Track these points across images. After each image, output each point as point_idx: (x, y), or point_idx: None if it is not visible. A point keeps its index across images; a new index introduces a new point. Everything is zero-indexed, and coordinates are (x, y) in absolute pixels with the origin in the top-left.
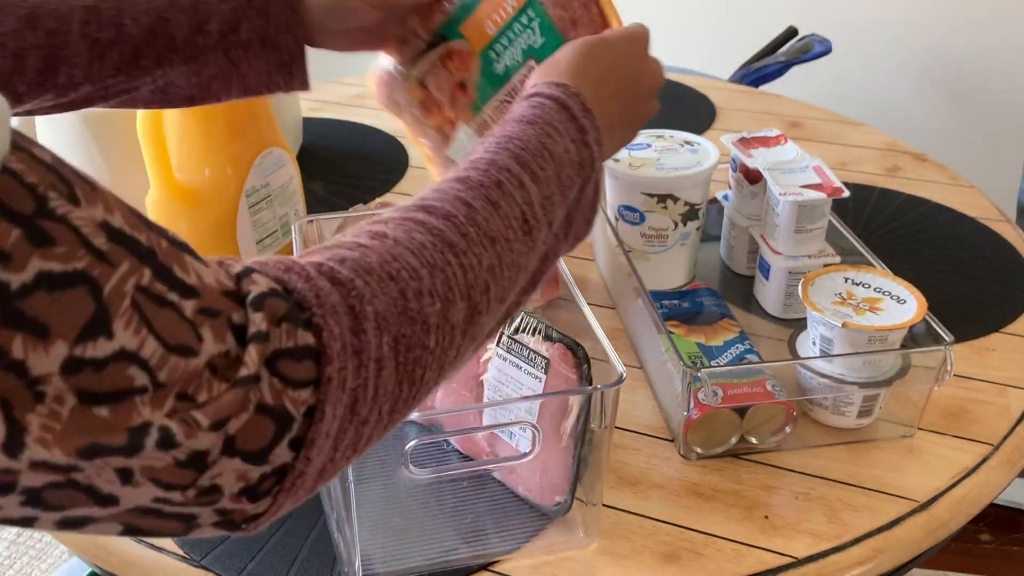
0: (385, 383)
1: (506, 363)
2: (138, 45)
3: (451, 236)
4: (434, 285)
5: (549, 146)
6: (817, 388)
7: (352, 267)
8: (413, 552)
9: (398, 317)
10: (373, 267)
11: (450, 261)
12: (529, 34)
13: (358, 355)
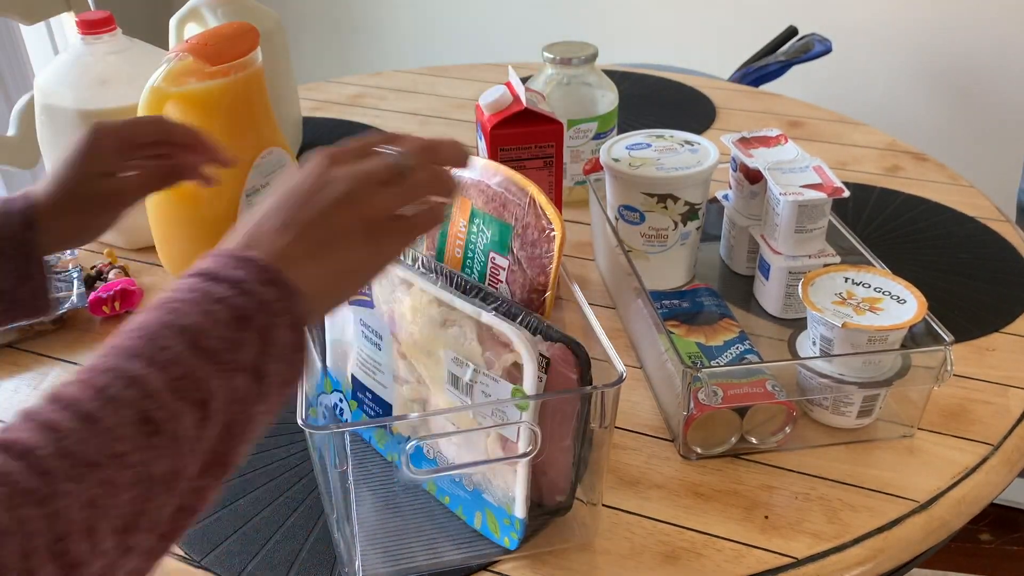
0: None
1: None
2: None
3: (26, 482)
4: (1, 559)
5: (176, 321)
6: (817, 388)
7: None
8: (413, 552)
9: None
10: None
11: (24, 517)
12: (482, 235)
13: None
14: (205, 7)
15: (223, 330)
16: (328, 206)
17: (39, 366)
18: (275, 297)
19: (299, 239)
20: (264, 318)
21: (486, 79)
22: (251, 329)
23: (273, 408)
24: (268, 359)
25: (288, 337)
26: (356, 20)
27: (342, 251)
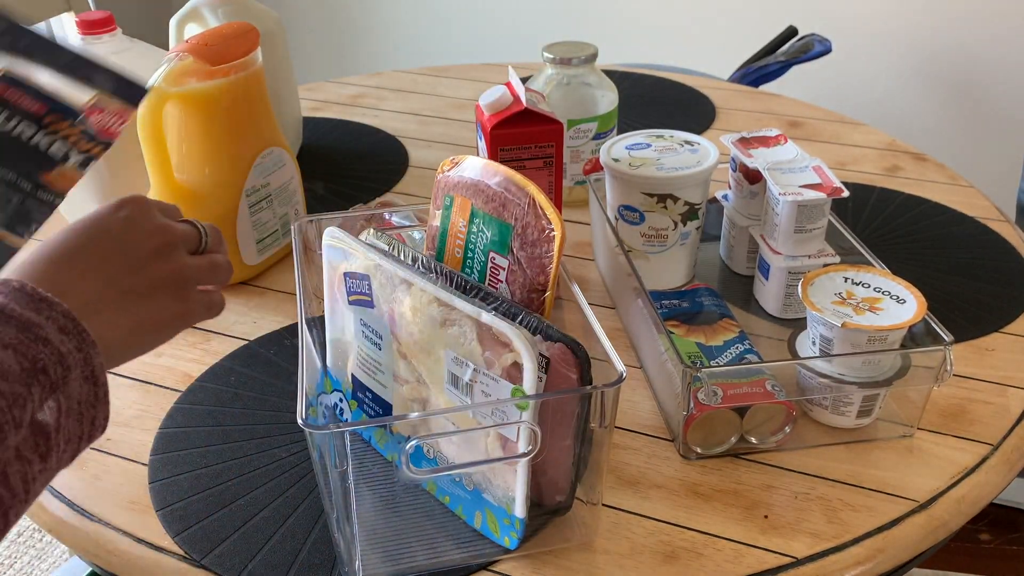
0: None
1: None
2: None
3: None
4: None
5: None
6: (817, 388)
7: None
8: (413, 552)
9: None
10: None
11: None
12: (482, 235)
13: None
14: (205, 7)
15: (8, 384)
16: (143, 256)
17: None
18: (72, 348)
19: (108, 285)
20: (58, 372)
21: (486, 79)
22: (42, 384)
23: (63, 463)
24: (59, 415)
25: (82, 391)
26: (356, 20)
27: (151, 304)
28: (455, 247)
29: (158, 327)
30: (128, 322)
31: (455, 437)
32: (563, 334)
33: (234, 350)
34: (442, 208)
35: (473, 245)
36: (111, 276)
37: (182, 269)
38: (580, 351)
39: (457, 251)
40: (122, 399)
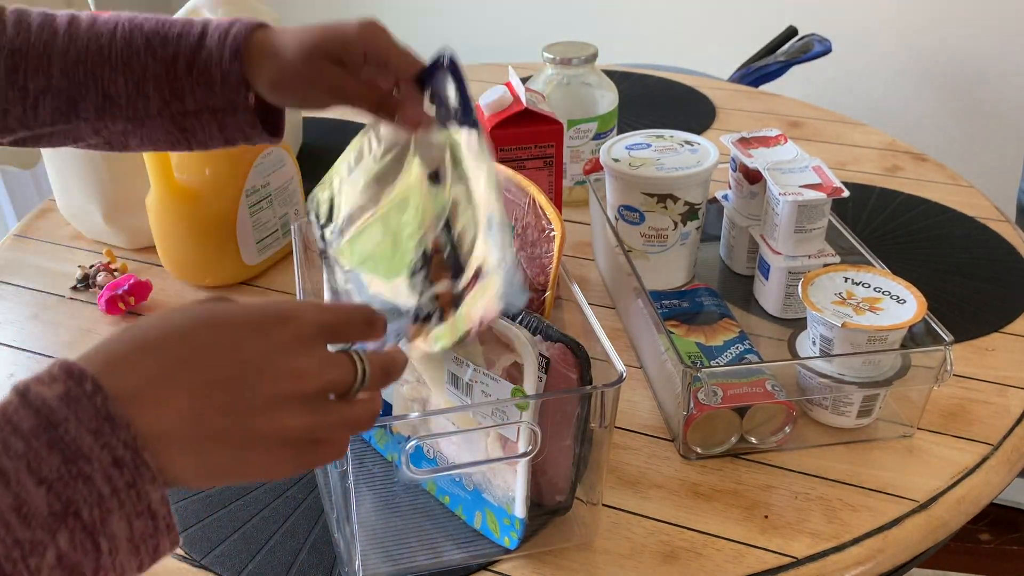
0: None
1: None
2: (73, 97)
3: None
4: None
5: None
6: (817, 388)
7: None
8: (413, 552)
9: None
10: None
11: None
12: None
13: None
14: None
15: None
16: (255, 403)
17: (39, 366)
18: (121, 486)
19: (196, 420)
20: (95, 513)
21: (486, 79)
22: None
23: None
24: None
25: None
26: None
27: (236, 458)
28: None
29: (228, 478)
30: (198, 467)
31: (455, 437)
32: (563, 334)
33: None
34: None
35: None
36: (204, 411)
37: (292, 430)
38: (580, 351)
39: None
40: None
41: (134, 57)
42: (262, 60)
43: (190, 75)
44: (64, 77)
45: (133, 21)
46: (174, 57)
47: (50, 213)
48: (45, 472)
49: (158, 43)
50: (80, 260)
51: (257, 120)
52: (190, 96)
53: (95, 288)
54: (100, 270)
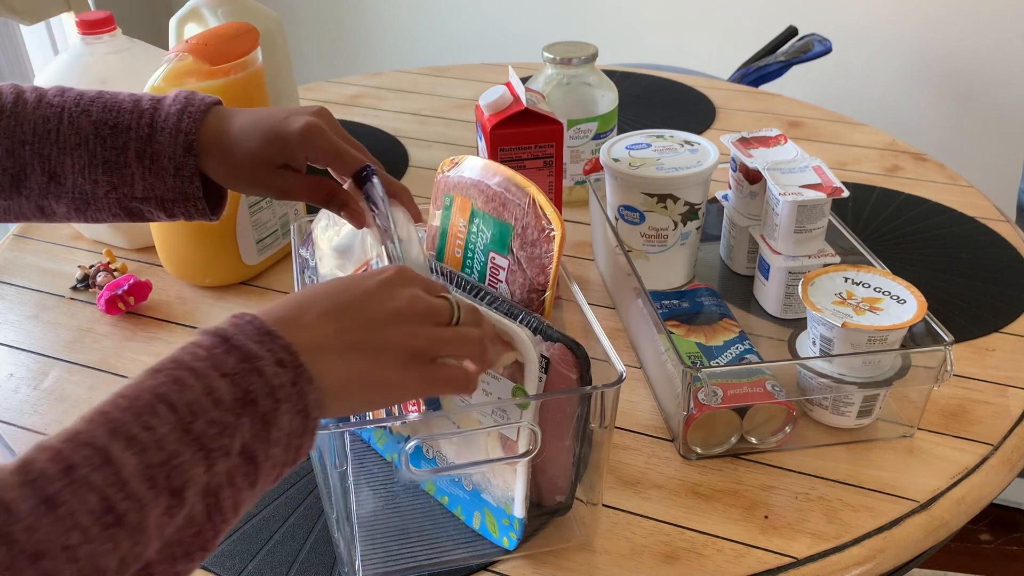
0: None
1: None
2: (17, 176)
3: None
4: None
5: (171, 396)
6: (817, 388)
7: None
8: (413, 552)
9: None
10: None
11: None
12: (482, 235)
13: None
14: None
15: (220, 412)
16: (380, 316)
17: (39, 366)
18: (286, 381)
19: (338, 333)
20: (268, 403)
21: (486, 79)
22: (251, 414)
23: (262, 489)
24: (267, 445)
25: (293, 424)
26: (356, 20)
27: (375, 363)
28: (455, 247)
29: (378, 386)
30: (348, 373)
31: (455, 437)
32: (563, 334)
33: None
34: (442, 208)
35: (473, 245)
36: (342, 326)
37: (415, 337)
38: (580, 351)
39: (457, 251)
40: None
41: (83, 144)
42: (213, 154)
43: (140, 164)
44: (9, 157)
45: (79, 104)
46: (124, 146)
47: None
48: (226, 368)
49: (107, 132)
50: (80, 260)
51: (206, 206)
52: (139, 183)
53: (95, 288)
54: (100, 270)
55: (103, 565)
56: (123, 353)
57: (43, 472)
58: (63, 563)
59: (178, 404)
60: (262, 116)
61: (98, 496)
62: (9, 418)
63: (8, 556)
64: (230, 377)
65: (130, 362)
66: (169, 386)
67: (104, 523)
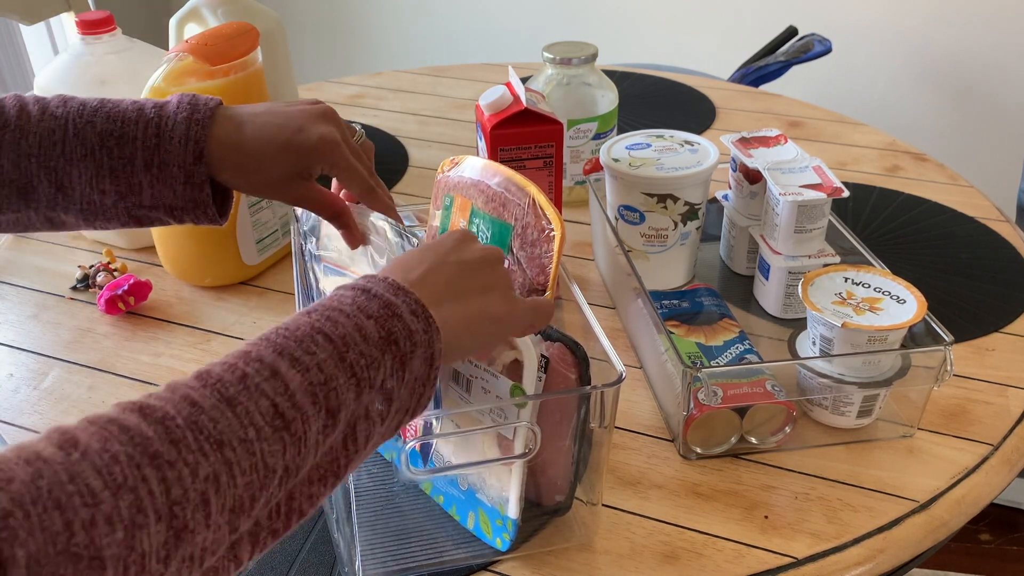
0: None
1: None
2: (24, 188)
3: (157, 445)
4: (117, 509)
5: (327, 329)
6: (817, 388)
7: (13, 496)
8: (413, 552)
9: (56, 557)
10: (41, 493)
11: (147, 476)
12: (482, 235)
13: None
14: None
15: (368, 347)
16: (475, 263)
17: (39, 366)
18: (420, 328)
19: (448, 283)
20: (407, 345)
21: (486, 79)
22: (393, 353)
23: (390, 431)
24: (400, 384)
25: (421, 369)
26: (356, 20)
27: (485, 301)
28: None
29: (489, 321)
30: (465, 313)
31: (451, 436)
32: (562, 334)
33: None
34: (442, 208)
35: None
36: (449, 277)
37: (506, 276)
38: (579, 351)
39: None
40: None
41: (89, 155)
42: (226, 164)
43: (148, 173)
44: (15, 169)
45: (83, 115)
46: (131, 157)
47: None
48: (371, 311)
49: (113, 143)
50: (80, 260)
51: (216, 212)
52: (148, 192)
53: (95, 288)
54: (100, 270)
55: (273, 464)
56: (123, 353)
57: (220, 378)
58: (242, 454)
59: (333, 336)
60: (273, 126)
61: (269, 402)
62: (9, 418)
63: (196, 440)
64: (375, 319)
65: (130, 362)
66: (323, 322)
67: (275, 426)
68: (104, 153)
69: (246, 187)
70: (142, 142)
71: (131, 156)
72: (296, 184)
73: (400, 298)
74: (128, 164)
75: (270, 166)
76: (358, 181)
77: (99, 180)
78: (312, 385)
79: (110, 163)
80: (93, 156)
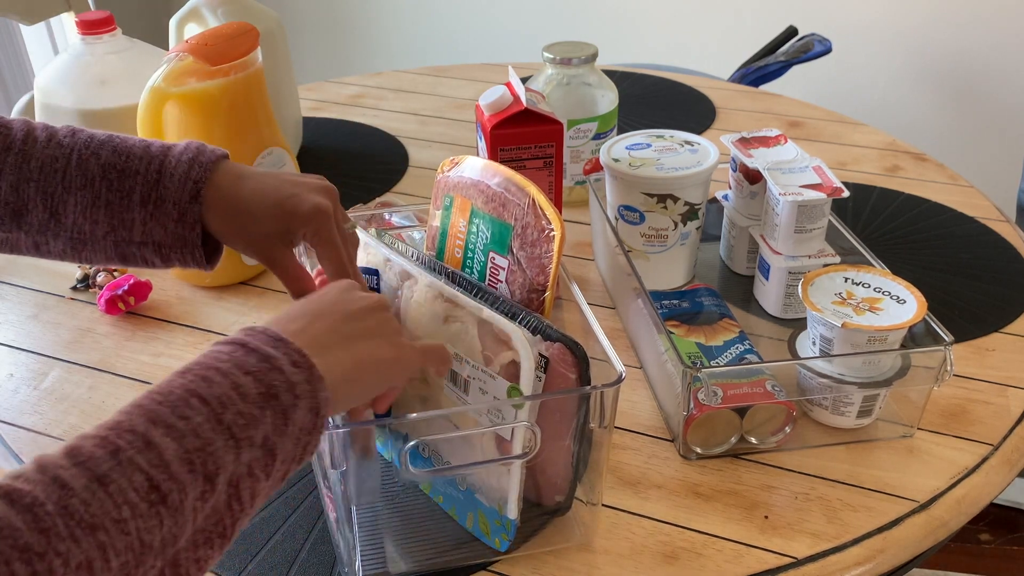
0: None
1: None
2: (19, 211)
3: (26, 537)
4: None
5: (201, 390)
6: (817, 388)
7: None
8: (413, 552)
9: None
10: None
11: (16, 572)
12: (482, 235)
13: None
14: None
15: (247, 405)
16: (359, 310)
17: (39, 366)
18: (302, 379)
19: (332, 331)
20: (289, 398)
21: (486, 79)
22: (274, 408)
23: (277, 483)
24: (283, 437)
25: (306, 420)
26: (356, 20)
27: (368, 344)
28: (455, 247)
29: (377, 366)
30: (351, 360)
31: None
32: (562, 334)
33: None
34: (442, 208)
35: (473, 245)
36: (333, 325)
37: (393, 321)
38: (579, 351)
39: (457, 251)
40: (123, 399)
41: (88, 185)
42: (218, 211)
43: (144, 208)
44: (13, 192)
45: (89, 146)
46: (130, 190)
47: None
48: (248, 367)
49: (115, 175)
50: None
51: (203, 255)
52: (139, 228)
53: (95, 288)
54: (100, 270)
55: (149, 540)
56: (123, 353)
57: (92, 455)
58: (116, 535)
59: (208, 397)
60: (271, 185)
61: (144, 475)
62: (9, 418)
63: (67, 527)
64: (253, 374)
65: (130, 362)
66: (198, 383)
67: (150, 501)
68: (104, 184)
69: (231, 237)
70: (143, 176)
71: (130, 190)
72: (277, 247)
73: (280, 350)
74: (126, 198)
75: (258, 221)
76: (335, 260)
77: (94, 210)
78: (188, 452)
79: (107, 195)
80: (92, 186)
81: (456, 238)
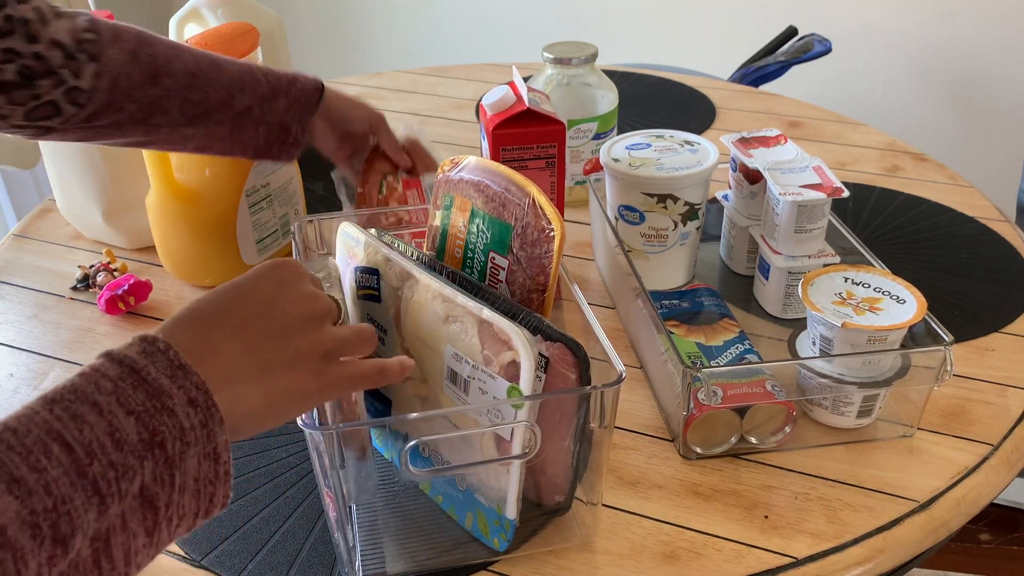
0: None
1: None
2: (208, 110)
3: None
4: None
5: (68, 434)
6: (817, 388)
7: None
8: (413, 552)
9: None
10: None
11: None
12: (482, 235)
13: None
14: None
15: (122, 455)
16: (287, 325)
17: (39, 366)
18: (197, 423)
19: (248, 355)
20: (176, 447)
21: (486, 79)
22: (156, 457)
23: (164, 540)
24: (168, 489)
25: (203, 468)
26: (356, 20)
27: (290, 377)
28: (455, 247)
29: (292, 401)
30: (262, 395)
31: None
32: (562, 334)
33: None
34: (442, 208)
35: (473, 245)
36: (252, 345)
37: (324, 342)
38: (579, 351)
39: (457, 251)
40: None
41: (215, 67)
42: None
43: (287, 98)
44: (150, 91)
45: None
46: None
47: (50, 213)
48: (133, 405)
49: (249, 83)
50: (80, 260)
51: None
52: (280, 112)
53: (95, 288)
54: (100, 270)
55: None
56: None
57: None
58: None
59: (74, 444)
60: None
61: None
62: None
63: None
64: (137, 415)
65: None
66: (66, 422)
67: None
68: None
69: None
70: (285, 87)
71: (263, 75)
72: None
73: (177, 383)
74: (259, 80)
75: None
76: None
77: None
78: (33, 514)
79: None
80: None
81: (456, 238)
